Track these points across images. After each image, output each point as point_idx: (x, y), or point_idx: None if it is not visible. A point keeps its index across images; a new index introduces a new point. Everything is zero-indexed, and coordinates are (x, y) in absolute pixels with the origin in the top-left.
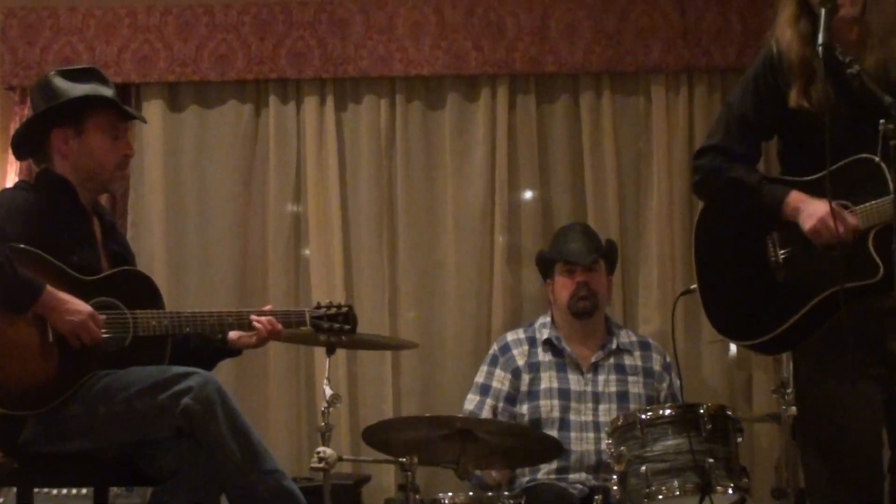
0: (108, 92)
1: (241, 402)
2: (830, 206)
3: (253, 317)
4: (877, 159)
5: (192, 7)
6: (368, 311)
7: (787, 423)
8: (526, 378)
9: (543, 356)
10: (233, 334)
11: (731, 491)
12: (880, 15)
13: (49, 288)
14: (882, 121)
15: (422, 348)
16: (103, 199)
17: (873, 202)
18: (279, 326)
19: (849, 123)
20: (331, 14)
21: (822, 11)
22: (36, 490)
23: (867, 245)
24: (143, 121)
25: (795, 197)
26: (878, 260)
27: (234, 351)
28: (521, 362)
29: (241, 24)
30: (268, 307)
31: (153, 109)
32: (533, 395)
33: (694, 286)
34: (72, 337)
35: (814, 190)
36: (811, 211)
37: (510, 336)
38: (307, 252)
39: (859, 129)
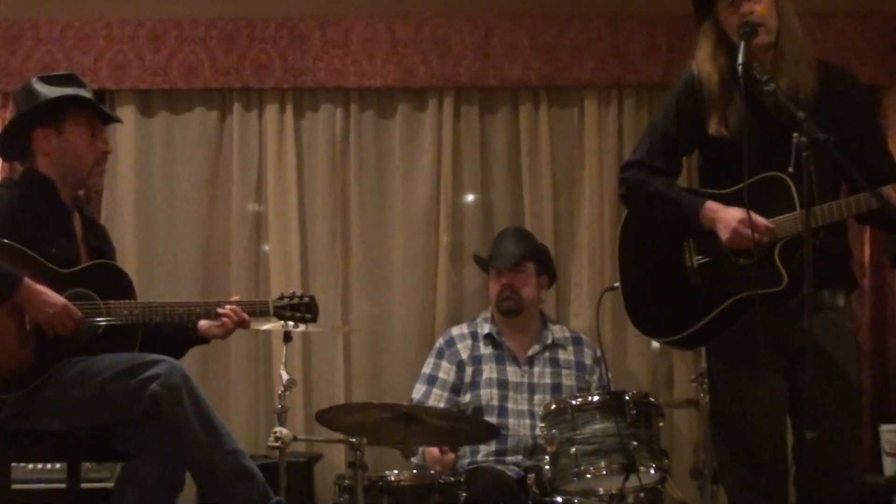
0: (86, 94)
1: (205, 386)
2: (747, 212)
3: (219, 308)
4: (785, 177)
5: (163, 21)
6: (322, 302)
7: (705, 410)
8: (469, 370)
9: (485, 349)
10: (202, 324)
11: (652, 471)
12: (791, 41)
13: (27, 280)
14: (796, 135)
15: (371, 337)
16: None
17: (780, 217)
18: (245, 315)
19: (763, 142)
20: (291, 29)
21: (743, 36)
22: (14, 464)
23: (773, 256)
24: (120, 121)
25: (711, 207)
26: (782, 270)
27: (203, 339)
28: (464, 355)
29: (208, 37)
30: (234, 298)
31: (126, 115)
32: (475, 385)
33: (616, 284)
34: (47, 327)
35: (729, 202)
36: (727, 221)
37: (455, 331)
38: (267, 248)
39: (772, 147)
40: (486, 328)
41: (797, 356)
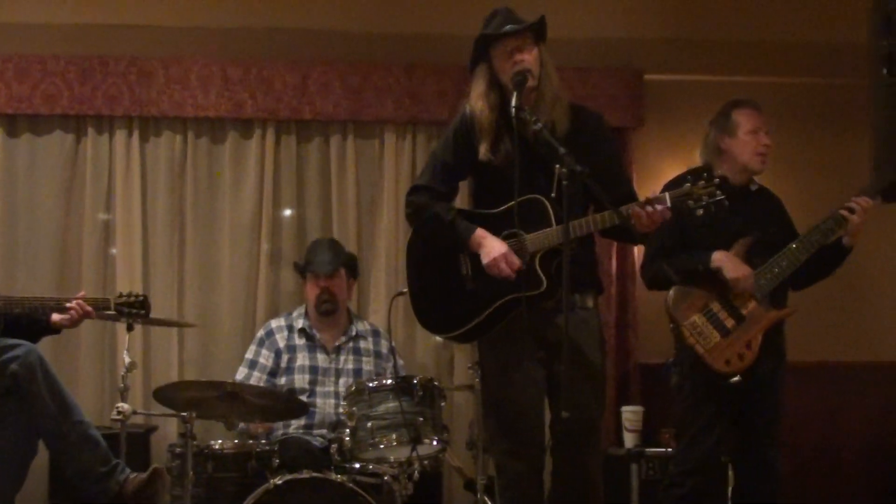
0: None
1: (58, 366)
2: (507, 250)
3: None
4: (544, 198)
5: (28, 56)
6: (161, 298)
7: (479, 392)
8: (285, 357)
9: (299, 340)
10: (54, 316)
11: (435, 442)
12: (549, 85)
13: None
14: (557, 166)
15: (201, 328)
16: None
17: (539, 232)
18: (89, 308)
19: (527, 170)
20: (139, 67)
21: (516, 85)
22: None
23: (534, 265)
24: None
25: (479, 235)
26: (541, 276)
27: (55, 330)
28: (281, 344)
29: (67, 71)
30: (81, 293)
31: None
32: (290, 370)
33: (404, 289)
34: None
35: (498, 221)
36: (489, 250)
37: (274, 323)
38: (114, 251)
39: (533, 174)
40: (300, 323)
41: (554, 348)
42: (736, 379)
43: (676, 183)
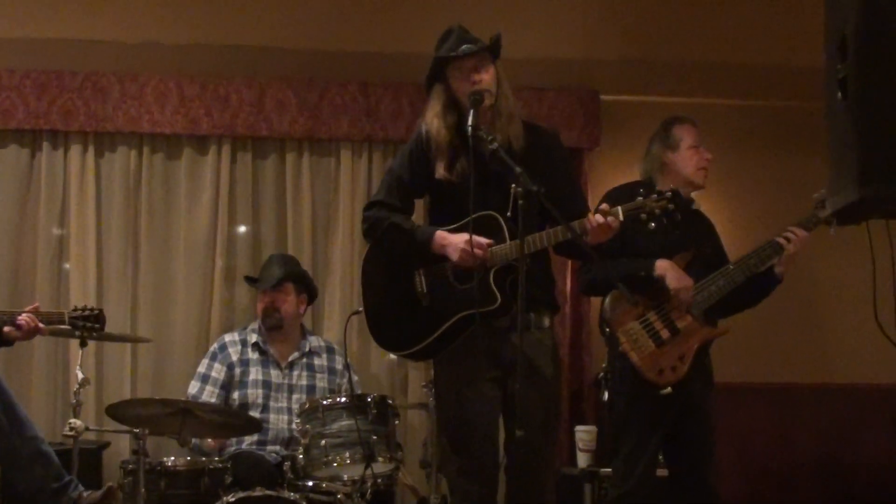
0: None
1: (10, 381)
2: (470, 236)
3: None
4: (498, 215)
5: None
6: (115, 313)
7: (433, 411)
8: (238, 371)
9: (252, 355)
10: (6, 329)
11: (389, 461)
12: (505, 103)
13: None
14: (513, 185)
15: (155, 343)
16: None
17: (494, 248)
18: (38, 323)
19: (483, 189)
20: (94, 82)
21: (473, 104)
22: None
23: (489, 281)
24: None
25: (440, 235)
26: (496, 292)
27: (7, 342)
28: (235, 359)
29: (22, 85)
30: (33, 305)
31: None
32: (243, 384)
33: (360, 309)
34: None
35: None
36: (455, 244)
37: (227, 337)
38: (68, 266)
39: (488, 191)
40: (253, 337)
41: (508, 367)
42: (667, 390)
43: (623, 191)
